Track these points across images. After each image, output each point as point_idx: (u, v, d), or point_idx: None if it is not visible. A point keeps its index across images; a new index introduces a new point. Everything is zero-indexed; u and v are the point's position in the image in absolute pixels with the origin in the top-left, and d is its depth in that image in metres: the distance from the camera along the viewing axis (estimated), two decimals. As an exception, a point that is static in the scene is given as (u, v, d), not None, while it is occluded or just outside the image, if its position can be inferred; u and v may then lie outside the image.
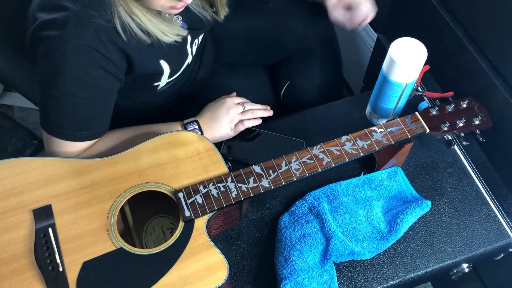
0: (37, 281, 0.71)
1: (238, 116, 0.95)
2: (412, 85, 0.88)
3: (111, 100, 0.86)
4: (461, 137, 0.88)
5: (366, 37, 1.45)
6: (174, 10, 0.79)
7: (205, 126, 0.93)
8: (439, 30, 1.03)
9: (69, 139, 0.84)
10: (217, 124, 0.93)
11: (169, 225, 0.88)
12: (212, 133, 0.93)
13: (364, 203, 0.87)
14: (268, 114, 0.98)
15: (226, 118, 0.94)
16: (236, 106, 0.95)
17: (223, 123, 0.93)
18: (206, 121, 0.93)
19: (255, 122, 0.96)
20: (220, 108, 0.94)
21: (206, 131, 0.93)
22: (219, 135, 0.94)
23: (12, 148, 1.64)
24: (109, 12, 0.75)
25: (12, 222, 0.75)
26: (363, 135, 0.85)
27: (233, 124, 0.94)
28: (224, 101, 0.95)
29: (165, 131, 0.89)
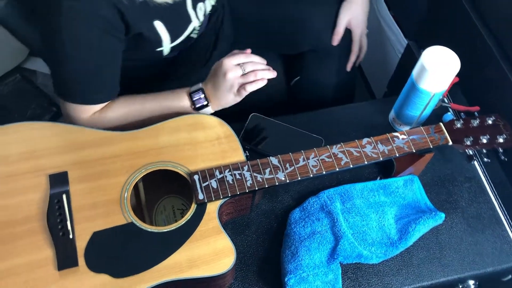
0: (46, 244, 0.72)
1: (239, 80, 0.85)
2: (440, 95, 0.87)
3: (115, 61, 0.85)
4: (482, 153, 0.87)
5: (395, 42, 1.43)
6: None
7: (209, 93, 0.88)
8: (472, 42, 1.02)
9: (79, 102, 0.85)
10: (219, 92, 0.87)
11: (180, 205, 0.88)
12: (217, 101, 0.88)
13: (377, 208, 0.87)
14: (272, 75, 0.87)
15: (226, 85, 0.85)
16: (234, 69, 0.84)
17: (224, 90, 0.86)
18: (209, 89, 0.88)
19: (258, 84, 0.85)
20: (218, 74, 0.86)
21: (211, 99, 0.88)
22: (224, 103, 0.88)
23: (31, 113, 1.65)
24: None
25: (28, 184, 0.76)
26: (385, 140, 0.84)
27: (234, 89, 0.86)
28: (221, 64, 0.85)
29: (171, 98, 0.88)
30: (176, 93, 0.89)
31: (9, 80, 1.72)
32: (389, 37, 1.46)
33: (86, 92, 0.85)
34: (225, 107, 0.90)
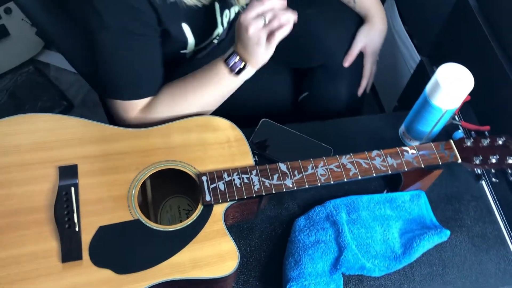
0: (52, 236, 0.72)
1: (263, 31, 0.80)
2: (452, 113, 0.87)
3: (156, 52, 0.86)
4: (491, 173, 0.86)
5: (408, 57, 1.44)
6: None
7: (242, 54, 0.84)
8: (487, 61, 1.02)
9: (126, 98, 0.85)
10: (249, 49, 0.83)
11: (186, 206, 0.89)
12: (253, 60, 0.84)
13: (382, 221, 0.87)
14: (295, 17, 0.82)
15: (252, 41, 0.81)
16: (254, 22, 0.79)
17: (253, 47, 0.82)
18: (241, 49, 0.84)
19: (286, 30, 0.81)
20: (241, 32, 0.81)
21: (247, 58, 0.84)
22: (260, 59, 0.85)
23: (42, 105, 1.67)
24: None
25: (38, 174, 0.76)
26: (394, 153, 0.84)
27: (262, 42, 0.81)
28: (240, 22, 0.81)
29: (208, 72, 0.86)
30: (212, 65, 0.87)
31: (23, 71, 1.74)
32: (402, 52, 1.46)
33: (131, 87, 0.86)
34: (264, 62, 0.86)
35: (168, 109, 0.87)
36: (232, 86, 0.89)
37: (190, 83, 0.88)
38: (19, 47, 1.76)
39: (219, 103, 0.91)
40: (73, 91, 1.77)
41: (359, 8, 1.12)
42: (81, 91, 1.78)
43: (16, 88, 1.70)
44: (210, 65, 0.88)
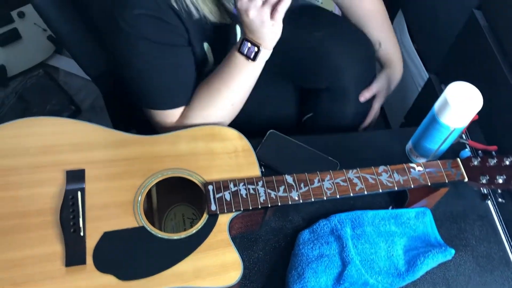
0: (56, 239, 0.72)
1: (264, 10, 0.80)
2: (460, 131, 0.87)
3: (189, 61, 0.88)
4: (497, 193, 0.86)
5: (416, 75, 1.44)
6: None
7: (253, 38, 0.84)
8: (495, 81, 1.02)
9: (164, 108, 0.88)
10: (257, 33, 0.83)
11: (190, 215, 0.89)
12: (264, 41, 0.84)
13: (386, 237, 0.86)
14: None
15: (256, 23, 0.81)
16: (252, 4, 0.80)
17: (259, 28, 0.82)
18: (250, 34, 0.84)
19: (286, 2, 0.80)
20: (244, 18, 0.82)
21: (258, 41, 0.84)
22: (270, 37, 0.85)
23: (50, 108, 1.68)
24: None
25: (45, 177, 0.77)
26: (401, 170, 0.84)
27: (266, 21, 0.81)
28: (239, 8, 0.81)
29: (227, 66, 0.87)
30: (228, 59, 0.88)
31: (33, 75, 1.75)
32: (410, 69, 1.47)
33: (168, 97, 0.88)
34: (277, 39, 0.86)
35: (200, 114, 0.89)
36: (254, 73, 0.89)
37: (213, 84, 0.89)
38: (30, 51, 1.78)
39: (247, 94, 0.92)
40: (82, 96, 1.79)
41: (383, 53, 1.15)
42: (89, 96, 1.79)
43: (25, 91, 1.71)
44: (227, 60, 0.88)
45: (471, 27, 1.09)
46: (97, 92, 1.74)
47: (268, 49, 0.87)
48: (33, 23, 1.74)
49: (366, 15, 1.13)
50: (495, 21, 1.03)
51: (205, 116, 0.89)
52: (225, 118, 0.92)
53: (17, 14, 1.70)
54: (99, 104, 1.77)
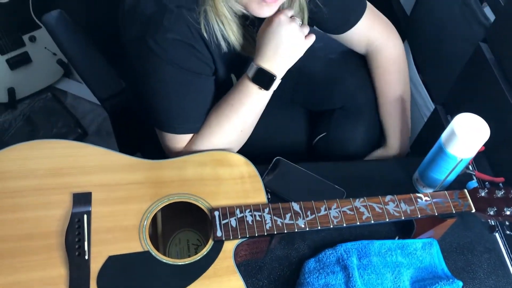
0: (61, 262, 0.72)
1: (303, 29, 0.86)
2: (467, 162, 0.87)
3: (209, 90, 0.90)
4: (505, 225, 0.85)
5: (422, 105, 1.45)
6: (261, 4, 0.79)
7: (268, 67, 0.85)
8: (501, 113, 1.03)
9: (178, 132, 0.89)
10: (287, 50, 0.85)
11: (195, 240, 0.88)
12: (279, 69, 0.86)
13: (393, 268, 0.85)
14: None
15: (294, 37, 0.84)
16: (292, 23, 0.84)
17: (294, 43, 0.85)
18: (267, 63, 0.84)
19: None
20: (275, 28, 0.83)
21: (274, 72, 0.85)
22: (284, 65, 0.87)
23: (57, 131, 1.69)
24: (197, 11, 0.80)
25: (52, 200, 0.77)
26: (408, 199, 0.84)
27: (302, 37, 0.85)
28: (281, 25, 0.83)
29: (237, 93, 0.87)
30: (239, 87, 0.88)
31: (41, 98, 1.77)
32: (416, 99, 1.48)
33: (182, 121, 0.89)
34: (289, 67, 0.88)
35: (209, 141, 0.89)
36: (264, 100, 0.90)
37: (222, 112, 0.89)
38: (39, 74, 1.80)
39: (256, 121, 0.93)
40: (88, 119, 1.80)
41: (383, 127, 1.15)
42: (96, 120, 1.80)
43: (33, 113, 1.73)
44: (237, 87, 0.88)
45: (477, 59, 1.10)
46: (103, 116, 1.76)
47: (280, 77, 0.88)
48: (43, 47, 1.77)
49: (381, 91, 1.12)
50: (501, 54, 1.05)
51: (214, 143, 0.89)
52: (234, 145, 0.92)
53: (28, 38, 1.73)
54: (106, 128, 1.78)
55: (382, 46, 1.09)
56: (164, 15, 0.80)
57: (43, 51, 1.77)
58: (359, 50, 1.12)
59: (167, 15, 0.80)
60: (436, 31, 1.33)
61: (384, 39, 1.09)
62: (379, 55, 1.10)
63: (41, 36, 1.74)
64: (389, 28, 1.11)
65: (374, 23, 1.07)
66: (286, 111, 1.17)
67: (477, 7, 1.15)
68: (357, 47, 1.11)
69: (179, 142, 0.91)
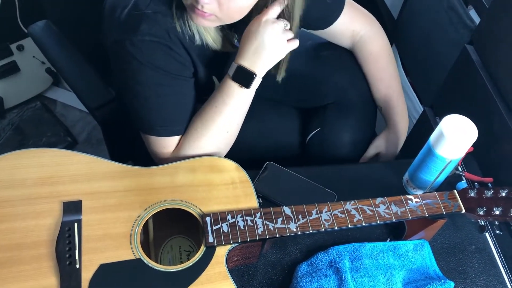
0: (51, 272, 0.71)
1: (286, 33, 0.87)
2: (456, 163, 0.88)
3: (190, 91, 0.90)
4: (494, 225, 0.86)
5: (411, 108, 1.46)
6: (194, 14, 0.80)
7: (248, 65, 0.86)
8: (489, 114, 1.04)
9: (162, 135, 0.89)
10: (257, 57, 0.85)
11: (187, 247, 0.88)
12: (259, 68, 0.87)
13: (385, 270, 0.85)
14: None
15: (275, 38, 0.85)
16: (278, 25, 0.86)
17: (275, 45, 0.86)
18: (247, 61, 0.85)
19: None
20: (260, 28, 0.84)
21: (254, 69, 0.86)
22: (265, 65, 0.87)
23: (46, 140, 1.68)
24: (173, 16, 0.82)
25: (41, 209, 0.76)
26: (398, 201, 0.84)
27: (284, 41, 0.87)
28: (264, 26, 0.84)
29: (220, 95, 0.88)
30: (221, 87, 0.89)
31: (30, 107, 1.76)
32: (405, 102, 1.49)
33: (167, 124, 0.89)
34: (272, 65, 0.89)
35: (196, 144, 0.90)
36: (248, 99, 0.91)
37: (207, 114, 0.90)
38: (28, 83, 1.79)
39: (241, 121, 0.93)
40: (78, 128, 1.79)
41: (384, 114, 1.16)
42: (86, 128, 1.79)
43: (22, 123, 1.72)
44: (220, 88, 0.89)
45: (464, 61, 1.11)
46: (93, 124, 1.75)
47: (260, 76, 0.89)
48: (32, 56, 1.76)
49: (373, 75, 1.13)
50: (487, 56, 1.06)
51: (201, 146, 0.90)
52: (221, 148, 0.93)
53: (16, 47, 1.72)
54: (96, 136, 1.77)
55: (367, 35, 1.11)
56: (141, 20, 0.81)
57: (32, 60, 1.76)
58: (345, 43, 1.13)
59: (145, 19, 0.81)
60: (423, 34, 1.35)
61: (368, 30, 1.11)
62: (366, 44, 1.11)
63: (29, 45, 1.73)
64: (370, 18, 1.13)
65: (355, 15, 1.09)
66: (277, 113, 1.18)
67: (463, 10, 1.17)
68: (342, 41, 1.12)
69: (164, 146, 0.90)
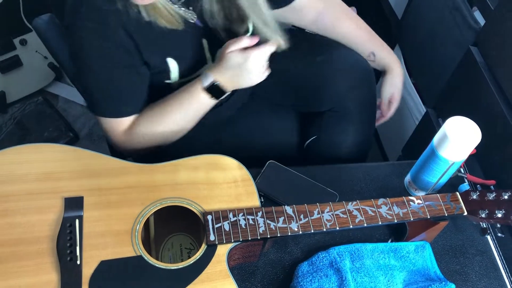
0: (52, 268, 0.71)
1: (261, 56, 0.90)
2: (459, 165, 0.88)
3: (137, 77, 0.90)
4: (496, 228, 0.86)
5: (413, 108, 1.46)
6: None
7: (223, 81, 0.90)
8: (492, 117, 1.04)
9: (109, 116, 0.90)
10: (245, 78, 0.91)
11: (188, 245, 0.88)
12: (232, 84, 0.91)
13: (386, 271, 0.85)
14: None
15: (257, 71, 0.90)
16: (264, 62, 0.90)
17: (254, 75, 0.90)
18: (222, 76, 0.90)
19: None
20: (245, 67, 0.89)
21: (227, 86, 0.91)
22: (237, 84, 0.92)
23: (48, 135, 1.68)
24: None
25: (43, 204, 0.76)
26: (400, 202, 0.84)
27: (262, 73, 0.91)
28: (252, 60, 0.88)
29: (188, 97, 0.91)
30: (190, 90, 0.91)
31: (32, 101, 1.76)
32: (408, 103, 1.49)
33: (113, 105, 0.90)
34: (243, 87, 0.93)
35: (148, 129, 0.92)
36: (211, 106, 0.94)
37: (169, 105, 0.92)
38: (30, 78, 1.79)
39: (196, 122, 0.96)
40: (80, 123, 1.79)
41: (379, 61, 1.16)
42: (87, 124, 1.79)
43: (24, 117, 1.71)
44: (189, 90, 0.91)
45: (468, 63, 1.11)
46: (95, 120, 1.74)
47: (230, 91, 0.93)
48: (34, 51, 1.75)
49: (349, 33, 1.15)
50: (491, 58, 1.06)
51: (151, 133, 0.93)
52: (169, 139, 0.96)
53: (19, 42, 1.72)
54: (97, 132, 1.77)
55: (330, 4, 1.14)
56: (82, 3, 0.81)
57: (34, 54, 1.76)
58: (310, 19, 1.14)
59: (85, 2, 0.81)
60: (427, 35, 1.34)
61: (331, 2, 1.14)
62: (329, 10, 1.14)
63: (32, 40, 1.73)
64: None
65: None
66: (276, 114, 1.17)
67: (467, 11, 1.16)
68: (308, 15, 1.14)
69: (114, 126, 0.92)
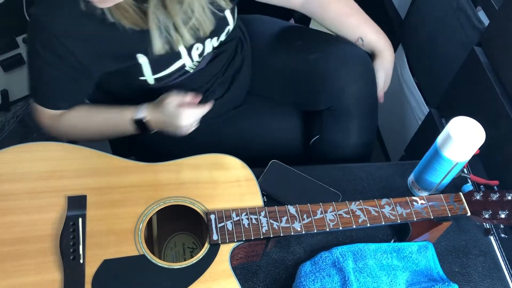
0: (55, 267, 0.71)
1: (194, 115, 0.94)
2: (462, 165, 0.88)
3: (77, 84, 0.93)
4: (500, 228, 0.86)
5: (416, 108, 1.46)
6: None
7: (155, 125, 0.94)
8: (496, 117, 1.03)
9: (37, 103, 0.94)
10: (167, 130, 0.95)
11: (191, 244, 0.88)
12: (161, 127, 0.95)
13: (389, 271, 0.85)
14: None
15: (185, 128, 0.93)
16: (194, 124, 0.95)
17: (181, 130, 0.94)
18: (156, 123, 0.94)
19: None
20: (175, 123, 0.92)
21: (157, 127, 0.95)
22: (164, 128, 0.95)
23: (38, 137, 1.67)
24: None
25: (46, 203, 0.76)
26: (404, 203, 0.84)
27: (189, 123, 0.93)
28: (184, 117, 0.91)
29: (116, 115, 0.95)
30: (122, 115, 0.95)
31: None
32: (411, 103, 1.48)
33: (42, 96, 0.94)
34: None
35: (71, 127, 0.96)
36: (131, 133, 0.97)
37: (98, 116, 0.97)
38: (33, 76, 1.79)
39: (114, 138, 1.04)
40: (82, 122, 1.78)
41: (368, 46, 1.14)
42: (90, 122, 1.79)
43: (26, 116, 1.71)
44: (121, 113, 0.95)
45: (472, 63, 1.11)
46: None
47: (154, 131, 0.97)
48: (37, 49, 1.75)
49: (338, 17, 1.13)
50: (495, 58, 1.05)
51: (73, 131, 0.98)
52: (88, 140, 1.03)
53: (22, 40, 1.71)
54: (99, 130, 1.76)
55: None
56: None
57: (37, 53, 1.76)
58: (298, 2, 1.13)
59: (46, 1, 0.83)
60: (431, 35, 1.34)
61: None
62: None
63: (35, 38, 1.72)
64: None
65: None
66: (279, 113, 1.17)
67: (472, 11, 1.16)
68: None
69: (39, 114, 0.96)
